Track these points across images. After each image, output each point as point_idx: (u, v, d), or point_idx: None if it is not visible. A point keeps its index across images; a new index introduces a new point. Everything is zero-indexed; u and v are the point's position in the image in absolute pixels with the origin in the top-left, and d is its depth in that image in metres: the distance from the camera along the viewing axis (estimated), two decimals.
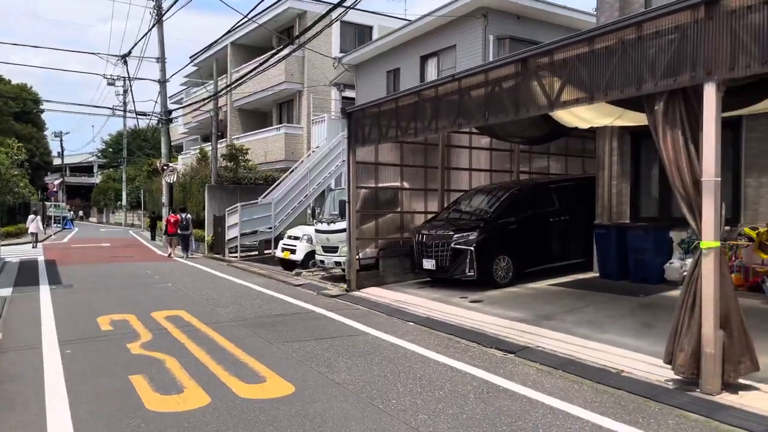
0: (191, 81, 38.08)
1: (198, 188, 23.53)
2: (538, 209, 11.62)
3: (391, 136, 10.27)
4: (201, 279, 14.06)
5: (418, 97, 9.38)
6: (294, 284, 12.82)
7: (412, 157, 12.69)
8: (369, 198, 12.19)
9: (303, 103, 25.15)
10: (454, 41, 17.86)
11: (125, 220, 53.76)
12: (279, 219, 19.80)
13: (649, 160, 11.52)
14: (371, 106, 10.80)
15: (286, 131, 24.75)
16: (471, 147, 13.50)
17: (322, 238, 13.27)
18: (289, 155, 24.73)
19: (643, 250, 10.41)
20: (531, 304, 9.38)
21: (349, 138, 11.45)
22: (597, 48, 6.25)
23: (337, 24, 21.61)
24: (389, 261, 12.28)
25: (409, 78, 19.59)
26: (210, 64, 34.11)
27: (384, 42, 20.38)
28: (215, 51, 29.99)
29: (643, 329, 7.46)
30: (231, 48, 29.05)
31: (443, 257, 10.93)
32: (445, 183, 13.07)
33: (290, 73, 24.69)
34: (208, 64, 33.91)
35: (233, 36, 28.66)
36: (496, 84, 7.70)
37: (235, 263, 17.76)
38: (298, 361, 6.51)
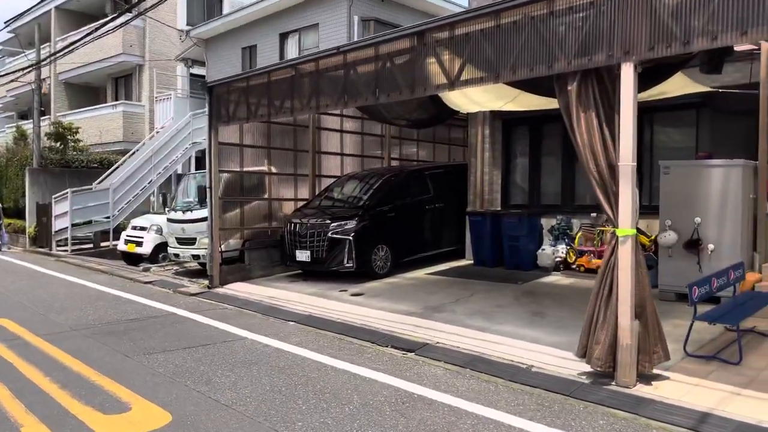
0: (6, 50, 32.97)
1: (16, 172, 20.28)
2: (414, 197, 11.25)
3: (262, 115, 9.23)
4: (26, 278, 11.88)
5: (295, 71, 8.45)
6: (143, 281, 11.25)
7: (280, 140, 11.68)
8: (233, 183, 11.00)
9: (144, 78, 22.71)
10: (316, 20, 16.98)
11: None
12: (119, 207, 17.63)
13: (519, 148, 11.67)
14: (238, 80, 9.66)
15: (125, 109, 22.20)
16: (342, 130, 12.79)
17: (176, 228, 11.80)
18: (129, 136, 22.23)
19: (517, 237, 10.47)
20: (415, 295, 8.95)
21: (211, 115, 10.19)
22: (504, 23, 5.84)
23: None
24: (256, 253, 11.21)
25: (268, 56, 18.35)
26: (30, 31, 29.69)
27: (239, 16, 18.89)
28: (38, 15, 26.11)
29: (535, 319, 7.32)
30: (56, 13, 25.45)
31: (319, 248, 10.14)
32: (317, 168, 12.23)
33: (129, 44, 22.13)
34: (29, 30, 29.58)
35: None
36: (389, 59, 7.06)
37: (67, 258, 15.43)
38: (168, 379, 5.39)
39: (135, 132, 22.30)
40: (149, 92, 22.45)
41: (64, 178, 19.11)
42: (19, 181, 20.04)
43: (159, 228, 13.42)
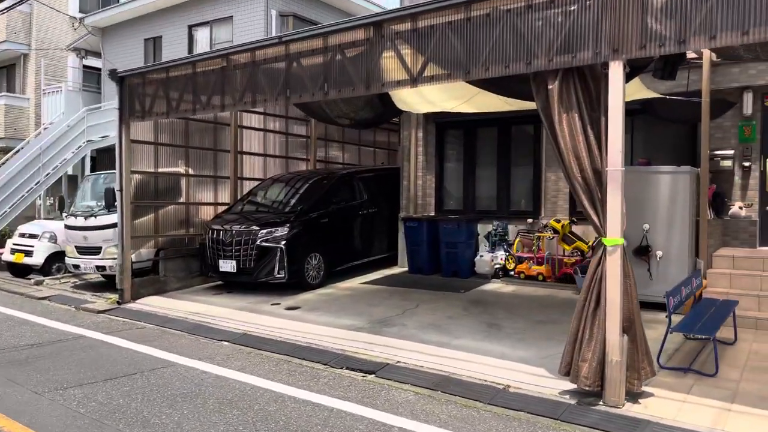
0: None
1: None
2: (347, 201, 10.63)
3: (186, 110, 8.25)
4: None
5: (227, 61, 7.60)
6: (37, 297, 9.83)
7: (199, 138, 10.65)
8: (145, 186, 9.86)
9: (30, 68, 20.41)
10: (230, 12, 15.93)
11: None
12: (1, 211, 15.58)
13: (453, 152, 11.38)
14: (156, 70, 8.61)
15: (7, 102, 19.79)
16: (266, 129, 11.92)
17: (76, 236, 10.41)
18: (11, 132, 19.85)
19: (455, 243, 10.14)
20: (356, 307, 8.34)
21: (122, 109, 9.05)
22: (475, 15, 5.41)
23: None
24: (172, 263, 10.13)
25: (175, 49, 17.01)
26: None
27: (141, 4, 17.38)
28: None
29: (492, 331, 6.95)
30: None
31: (246, 257, 9.27)
32: (238, 170, 11.28)
33: (13, 31, 19.78)
34: None
35: None
36: (339, 51, 6.43)
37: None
38: (95, 422, 4.45)
39: (18, 128, 19.97)
40: (35, 84, 20.21)
41: None
42: None
43: (53, 235, 11.87)
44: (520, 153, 10.65)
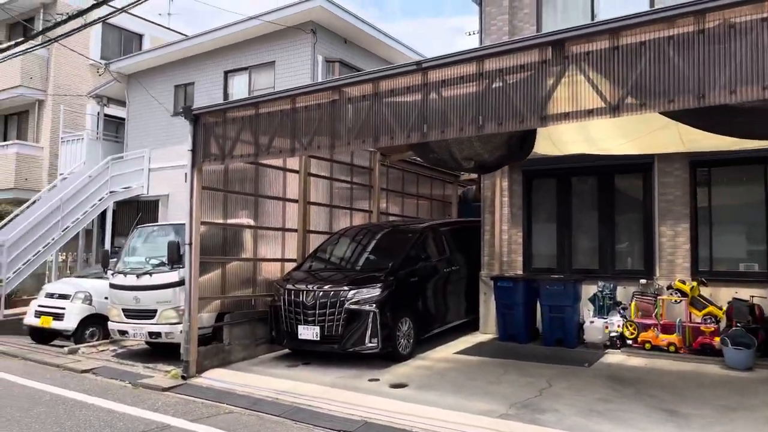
0: None
1: None
2: (433, 258, 9.41)
3: (282, 150, 7.09)
4: None
5: (339, 94, 6.51)
6: (79, 369, 8.33)
7: (268, 186, 9.46)
8: (209, 239, 8.57)
9: (45, 116, 19.27)
10: (272, 57, 15.05)
11: None
12: (14, 269, 14.10)
13: (544, 203, 10.29)
14: (240, 107, 7.51)
15: (19, 150, 18.53)
16: (332, 178, 10.78)
17: (125, 297, 9.00)
18: (21, 182, 18.52)
19: (561, 307, 8.90)
20: (475, 385, 7.00)
21: (195, 151, 7.89)
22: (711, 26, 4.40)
23: (98, 25, 17.12)
24: (237, 329, 8.72)
25: (208, 95, 16.04)
26: None
27: (174, 50, 16.52)
28: None
29: (678, 420, 5.65)
30: None
31: (332, 322, 7.93)
32: (308, 222, 10.04)
33: (29, 76, 18.75)
34: None
35: None
36: (498, 78, 5.38)
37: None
38: None
39: (30, 178, 18.65)
40: (51, 132, 19.03)
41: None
42: None
43: (87, 296, 10.45)
44: (625, 205, 9.59)
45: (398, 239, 9.36)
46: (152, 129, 17.21)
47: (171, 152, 16.62)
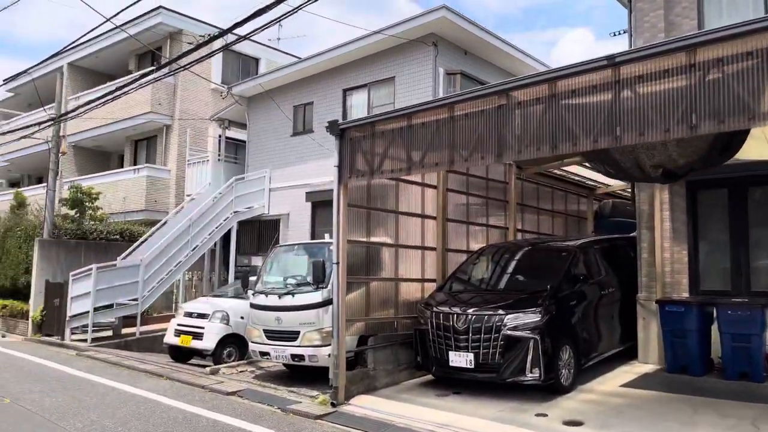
0: (1, 112, 30.39)
1: (18, 244, 17.17)
2: (590, 279, 8.56)
3: (437, 164, 6.63)
4: (56, 385, 8.71)
5: (506, 98, 5.96)
6: (224, 392, 8.19)
7: (406, 202, 9.05)
8: (351, 258, 8.22)
9: (172, 140, 20.15)
10: (392, 72, 14.80)
11: None
12: (149, 287, 14.58)
13: (714, 217, 9.18)
14: (392, 119, 7.13)
15: (149, 174, 19.46)
16: (468, 193, 10.23)
17: (266, 318, 8.84)
18: (151, 204, 19.39)
19: (746, 336, 7.77)
20: (670, 427, 6.11)
21: (341, 167, 7.62)
22: None
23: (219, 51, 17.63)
24: (380, 353, 8.29)
25: (327, 114, 16.01)
26: (31, 91, 27.43)
27: (293, 70, 16.70)
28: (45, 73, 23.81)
29: None
30: (69, 70, 23.07)
31: (489, 349, 7.31)
32: (446, 240, 9.54)
33: (158, 102, 19.69)
34: (30, 89, 27.23)
35: (72, 55, 22.92)
36: (716, 69, 4.61)
37: (90, 352, 12.23)
38: None
39: (158, 200, 19.50)
40: (177, 155, 19.84)
41: (79, 251, 16.09)
42: (22, 255, 16.92)
43: (224, 315, 10.46)
44: None
45: (550, 259, 8.63)
46: (272, 149, 17.47)
47: (290, 172, 16.80)
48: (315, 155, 16.21)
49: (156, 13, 19.44)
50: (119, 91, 14.64)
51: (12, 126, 23.81)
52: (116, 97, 14.84)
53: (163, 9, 19.51)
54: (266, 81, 17.49)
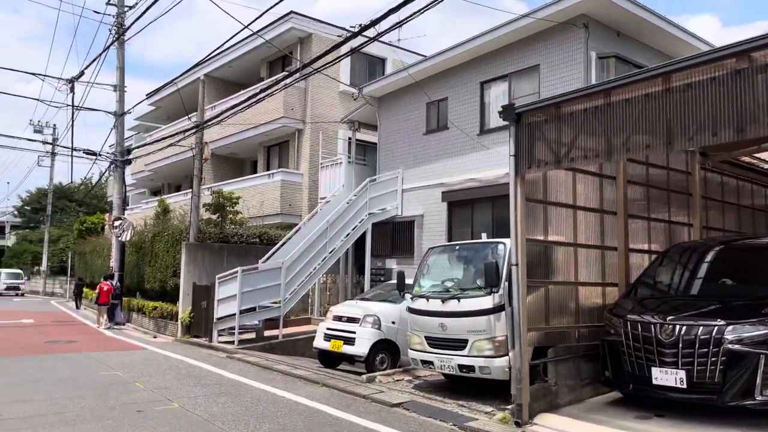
0: (143, 125, 32.57)
1: (166, 248, 17.90)
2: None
3: (648, 146, 5.64)
4: (217, 390, 8.58)
5: (749, 62, 4.87)
6: (390, 403, 7.62)
7: (584, 195, 8.06)
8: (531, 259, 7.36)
9: (304, 144, 20.30)
10: (536, 60, 13.78)
11: (44, 287, 45.63)
12: (290, 290, 14.54)
13: None
14: (581, 97, 6.22)
15: (283, 178, 19.69)
16: (649, 185, 9.04)
17: (428, 324, 8.21)
18: (286, 208, 19.60)
19: None
20: None
21: (518, 157, 6.76)
22: None
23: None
24: (561, 366, 7.37)
25: (463, 109, 15.32)
26: (171, 103, 29.14)
27: (426, 66, 16.10)
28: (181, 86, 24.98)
29: None
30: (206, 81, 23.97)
31: (706, 366, 6.17)
32: (628, 238, 8.44)
33: (290, 107, 19.91)
34: (168, 103, 28.93)
35: (207, 68, 23.84)
36: None
37: (239, 354, 12.26)
38: None
39: (292, 204, 19.68)
40: (309, 159, 19.94)
41: (222, 254, 16.46)
42: (169, 259, 17.61)
43: (376, 319, 9.97)
44: None
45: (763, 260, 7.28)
46: (403, 149, 16.99)
47: (423, 171, 16.22)
48: (449, 153, 15.53)
49: (287, 18, 19.67)
50: (260, 94, 14.79)
51: (154, 137, 25.22)
52: (259, 100, 15.04)
53: (294, 14, 19.72)
54: (396, 80, 17.03)
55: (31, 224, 61.97)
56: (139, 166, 29.77)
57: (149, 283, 19.18)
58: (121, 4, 20.79)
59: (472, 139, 14.93)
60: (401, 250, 16.62)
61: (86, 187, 51.57)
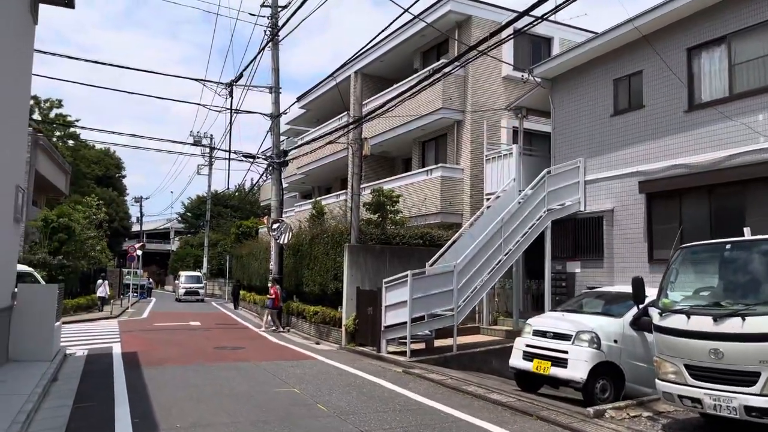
0: (293, 129, 32.88)
1: (326, 250, 17.18)
2: None
3: None
4: (414, 419, 7.20)
5: None
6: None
7: None
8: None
9: (463, 136, 18.73)
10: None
11: (205, 289, 48.21)
12: (464, 296, 13.01)
13: None
14: None
15: (443, 174, 18.24)
16: None
17: (691, 348, 6.13)
18: (446, 206, 18.15)
19: None
20: None
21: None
22: None
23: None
24: None
25: (662, 83, 12.88)
26: (319, 106, 29.02)
27: (611, 38, 13.83)
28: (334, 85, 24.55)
29: None
30: (359, 77, 23.26)
31: None
32: None
33: (448, 97, 18.44)
34: (318, 104, 28.82)
35: (358, 64, 23.10)
36: None
37: (415, 369, 10.92)
38: None
39: (452, 201, 18.19)
40: (470, 153, 18.34)
41: (383, 257, 15.36)
42: (329, 262, 16.85)
43: (594, 337, 8.10)
44: None
45: None
46: (583, 135, 14.83)
47: (611, 160, 13.98)
48: (646, 136, 13.17)
49: (445, 1, 18.23)
50: (417, 86, 13.51)
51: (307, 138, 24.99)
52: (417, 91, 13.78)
53: None
54: (576, 55, 14.90)
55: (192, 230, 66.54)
56: (291, 170, 29.93)
57: (308, 287, 18.65)
58: (274, 5, 20.61)
59: (678, 117, 12.49)
60: (586, 252, 14.48)
61: (240, 193, 54.05)
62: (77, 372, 10.17)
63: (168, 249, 75.47)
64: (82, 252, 25.47)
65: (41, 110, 51.55)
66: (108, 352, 12.87)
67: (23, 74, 10.70)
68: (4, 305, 10.09)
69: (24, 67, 10.77)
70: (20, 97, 10.59)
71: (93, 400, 7.90)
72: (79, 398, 8.05)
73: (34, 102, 46.49)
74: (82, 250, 25.38)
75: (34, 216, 23.54)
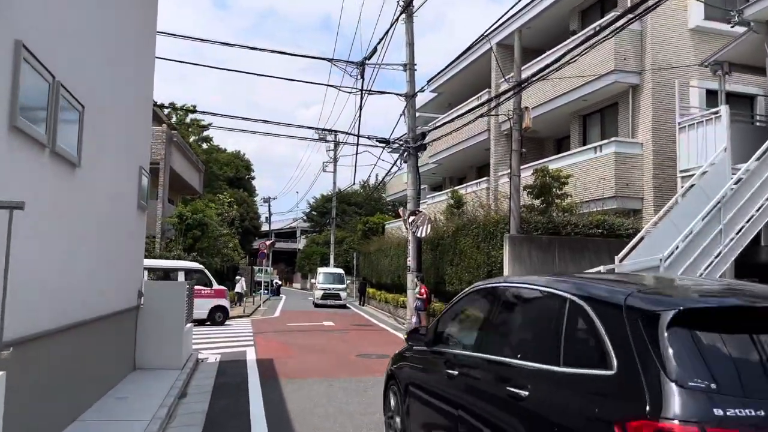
0: (422, 116, 30.73)
1: (475, 243, 14.76)
2: None
3: None
4: None
5: None
6: None
7: None
8: None
9: (641, 103, 15.49)
10: None
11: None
12: None
13: None
14: None
15: (617, 150, 15.11)
16: None
17: None
18: (622, 188, 15.03)
19: None
20: None
21: None
22: None
23: None
24: None
25: None
26: (452, 88, 26.68)
27: None
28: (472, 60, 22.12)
29: None
30: (497, 50, 20.64)
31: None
32: None
33: (622, 57, 15.30)
34: (450, 87, 26.50)
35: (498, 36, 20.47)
36: None
37: None
38: None
39: (629, 182, 15.04)
40: (650, 123, 15.09)
41: (551, 249, 12.67)
42: (481, 257, 14.43)
43: None
44: None
45: None
46: None
47: None
48: None
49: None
50: (587, 43, 10.71)
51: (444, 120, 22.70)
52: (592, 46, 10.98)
53: None
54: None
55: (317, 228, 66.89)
56: (422, 159, 27.78)
57: (452, 285, 16.36)
58: None
59: None
60: None
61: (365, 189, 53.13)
62: (208, 386, 8.56)
63: (294, 247, 76.77)
64: (216, 249, 25.02)
65: (178, 116, 53.65)
66: (242, 358, 11.33)
67: (146, 53, 9.41)
68: (130, 305, 8.72)
69: (147, 48, 9.47)
70: (143, 73, 9.22)
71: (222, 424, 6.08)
72: (209, 426, 6.29)
73: (172, 108, 48.18)
74: (215, 247, 24.93)
75: (170, 213, 23.32)
